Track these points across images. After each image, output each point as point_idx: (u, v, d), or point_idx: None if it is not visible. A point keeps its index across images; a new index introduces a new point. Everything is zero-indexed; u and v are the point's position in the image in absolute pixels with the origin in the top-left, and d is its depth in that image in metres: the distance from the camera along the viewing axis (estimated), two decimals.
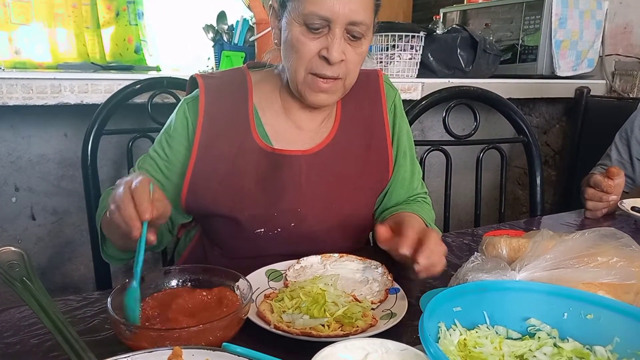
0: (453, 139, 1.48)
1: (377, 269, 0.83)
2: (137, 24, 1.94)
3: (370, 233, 1.08)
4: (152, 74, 1.56)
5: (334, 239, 0.97)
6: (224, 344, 0.51)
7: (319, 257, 0.87)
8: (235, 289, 0.69)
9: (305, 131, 1.00)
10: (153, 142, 1.36)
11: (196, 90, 0.98)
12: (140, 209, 0.65)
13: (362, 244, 1.09)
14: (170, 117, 0.99)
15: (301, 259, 0.86)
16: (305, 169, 0.95)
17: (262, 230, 0.95)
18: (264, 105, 0.99)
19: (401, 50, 1.89)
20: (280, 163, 0.94)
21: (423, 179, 1.14)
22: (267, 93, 1.00)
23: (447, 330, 0.57)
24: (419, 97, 1.69)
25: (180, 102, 0.98)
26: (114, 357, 0.49)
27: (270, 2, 0.93)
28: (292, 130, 0.99)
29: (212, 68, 2.03)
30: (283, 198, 0.94)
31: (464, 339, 0.57)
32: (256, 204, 0.93)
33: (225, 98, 0.97)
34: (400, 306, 0.72)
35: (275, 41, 0.94)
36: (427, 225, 1.02)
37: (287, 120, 0.99)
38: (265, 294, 0.75)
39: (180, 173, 0.96)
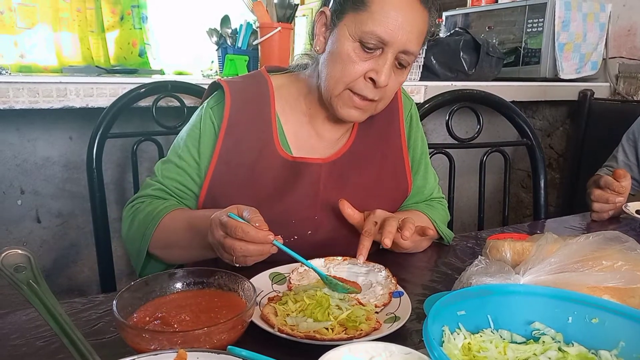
0: (456, 142, 1.48)
1: (381, 272, 0.83)
2: (141, 28, 1.95)
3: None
4: (156, 77, 1.57)
5: (349, 246, 0.96)
6: (228, 347, 0.52)
7: (322, 260, 0.87)
8: (240, 292, 0.69)
9: (325, 140, 1.00)
10: (157, 146, 1.38)
11: (215, 94, 0.98)
12: (261, 238, 0.71)
13: (374, 250, 1.08)
14: (191, 123, 0.99)
15: None
16: (324, 176, 0.96)
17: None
18: (287, 112, 0.99)
19: None
20: (299, 171, 0.95)
21: None
22: (291, 99, 1.00)
23: (451, 334, 0.57)
24: (422, 100, 1.68)
25: (203, 108, 0.98)
26: None
27: (321, 9, 0.92)
28: (313, 139, 1.00)
29: (216, 72, 2.04)
30: (301, 206, 0.94)
31: (468, 343, 0.57)
32: (274, 212, 0.93)
33: (249, 104, 0.97)
34: (404, 310, 0.71)
35: (317, 48, 0.93)
36: (435, 227, 1.02)
37: (310, 129, 1.00)
38: (269, 297, 0.75)
39: None
